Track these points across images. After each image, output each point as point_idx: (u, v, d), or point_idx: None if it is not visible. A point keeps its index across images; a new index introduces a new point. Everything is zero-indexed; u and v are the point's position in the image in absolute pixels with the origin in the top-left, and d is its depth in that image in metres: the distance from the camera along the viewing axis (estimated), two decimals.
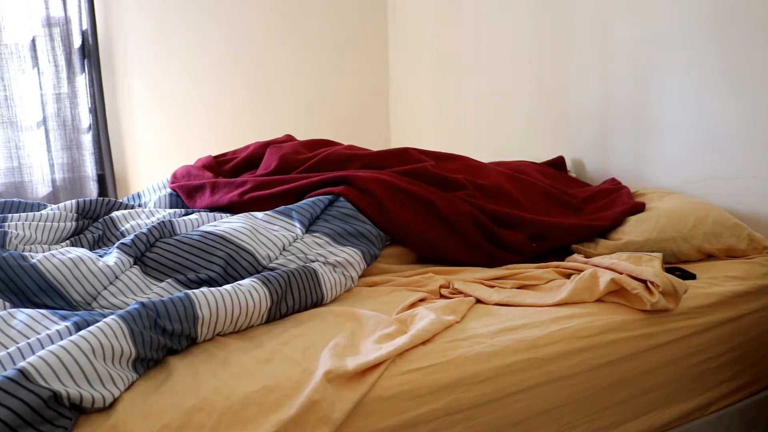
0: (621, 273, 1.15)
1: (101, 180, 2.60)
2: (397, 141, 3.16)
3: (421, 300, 1.17)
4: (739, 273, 1.32)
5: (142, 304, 0.90)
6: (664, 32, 1.74)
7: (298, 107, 3.01)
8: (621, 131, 1.91)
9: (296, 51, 2.96)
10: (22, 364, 0.74)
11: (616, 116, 1.92)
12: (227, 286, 1.02)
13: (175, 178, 1.66)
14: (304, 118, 3.04)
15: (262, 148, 1.71)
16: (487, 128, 2.50)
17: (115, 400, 0.79)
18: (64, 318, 0.91)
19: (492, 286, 1.23)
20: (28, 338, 0.86)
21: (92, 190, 2.58)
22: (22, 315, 0.91)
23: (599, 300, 1.15)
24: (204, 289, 0.99)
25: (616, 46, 1.90)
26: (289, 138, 1.84)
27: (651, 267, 1.17)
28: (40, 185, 2.48)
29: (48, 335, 0.84)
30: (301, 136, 2.10)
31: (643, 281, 1.13)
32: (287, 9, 2.91)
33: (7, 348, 0.84)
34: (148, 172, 2.75)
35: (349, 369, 0.87)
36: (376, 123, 3.18)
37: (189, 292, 0.97)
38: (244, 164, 1.70)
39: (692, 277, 1.30)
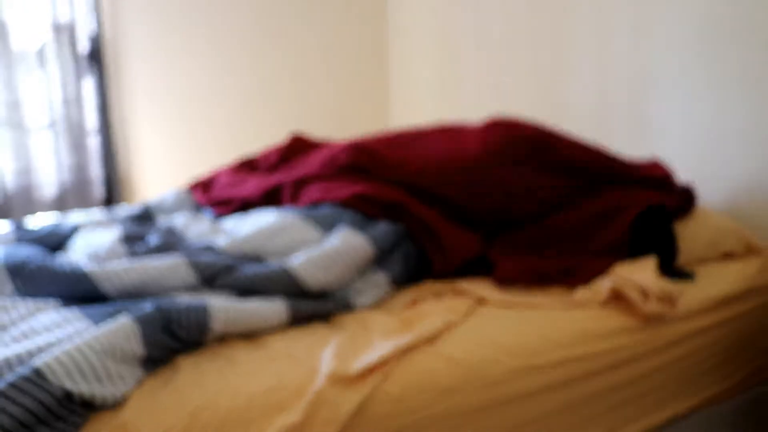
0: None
1: (107, 182, 2.63)
2: None
3: (423, 299, 1.19)
4: (733, 273, 1.32)
5: (158, 307, 0.92)
6: (663, 32, 1.75)
7: (302, 108, 3.03)
8: (620, 131, 1.92)
9: (299, 52, 2.98)
10: (36, 362, 0.76)
11: (615, 116, 1.93)
12: (252, 304, 0.99)
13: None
14: (309, 118, 3.06)
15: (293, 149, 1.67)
16: None
17: (124, 398, 0.81)
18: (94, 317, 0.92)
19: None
20: (51, 333, 0.88)
21: (98, 192, 2.61)
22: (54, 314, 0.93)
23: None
24: (225, 303, 0.96)
25: (615, 46, 1.91)
26: (297, 138, 1.79)
27: (644, 273, 1.17)
28: (47, 187, 2.51)
29: (68, 334, 0.86)
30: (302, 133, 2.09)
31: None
32: (290, 10, 2.93)
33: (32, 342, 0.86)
34: (154, 174, 2.78)
35: (352, 370, 0.88)
36: (375, 122, 3.20)
37: (209, 303, 0.95)
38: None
39: (690, 276, 1.30)
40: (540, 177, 1.37)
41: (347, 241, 1.13)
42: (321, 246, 1.13)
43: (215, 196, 1.56)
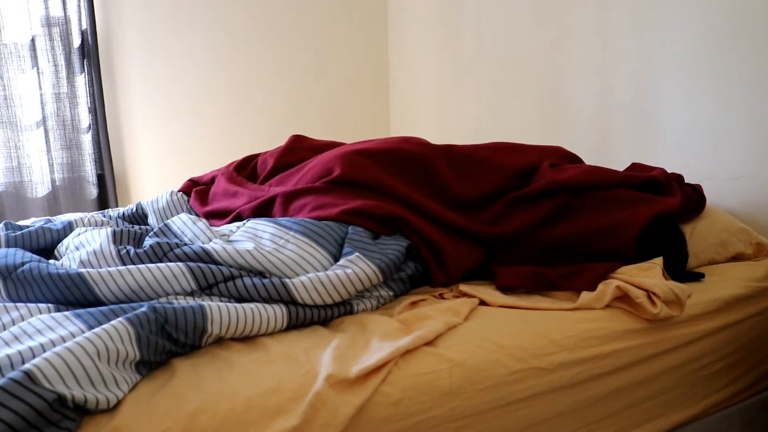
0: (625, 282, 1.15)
1: (101, 180, 2.60)
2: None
3: (422, 300, 1.18)
4: (741, 276, 1.32)
5: (153, 308, 0.90)
6: (664, 32, 1.75)
7: (299, 106, 3.01)
8: (621, 131, 1.92)
9: (297, 50, 2.97)
10: (27, 366, 0.74)
11: (616, 116, 1.93)
12: (249, 306, 0.98)
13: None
14: (305, 116, 3.04)
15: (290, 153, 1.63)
16: (487, 128, 2.50)
17: (119, 402, 0.79)
18: (80, 317, 0.90)
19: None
20: (43, 335, 0.86)
21: (92, 190, 2.58)
22: (45, 316, 0.91)
23: (606, 305, 1.14)
24: (222, 304, 0.96)
25: (616, 46, 1.90)
26: (297, 138, 1.76)
27: (651, 275, 1.17)
28: (39, 185, 2.48)
29: (61, 336, 0.85)
30: (302, 134, 2.08)
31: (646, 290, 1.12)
32: (288, 8, 2.91)
33: (21, 344, 0.84)
34: (148, 172, 2.76)
35: (350, 373, 0.87)
36: (376, 124, 3.19)
37: (205, 304, 0.94)
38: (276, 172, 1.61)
39: (699, 276, 1.29)
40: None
41: (357, 272, 1.09)
42: (328, 271, 1.09)
43: (210, 207, 1.54)
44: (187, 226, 1.26)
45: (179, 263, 1.05)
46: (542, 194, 1.34)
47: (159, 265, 1.04)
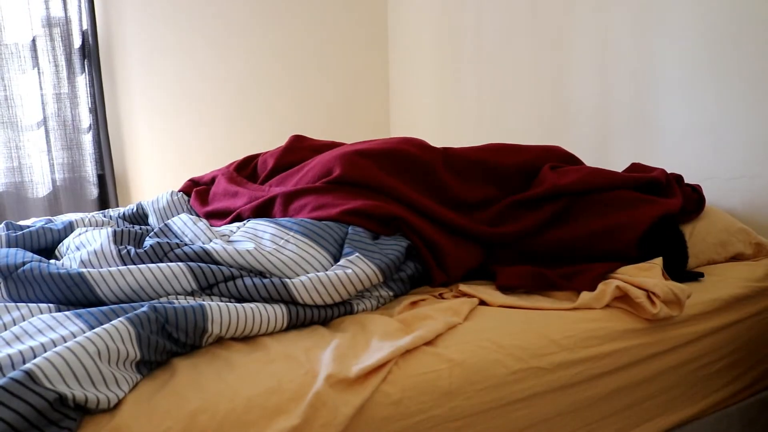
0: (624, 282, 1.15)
1: (101, 180, 2.60)
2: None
3: (422, 300, 1.18)
4: (741, 276, 1.32)
5: (154, 308, 0.90)
6: (664, 32, 1.75)
7: (299, 106, 3.01)
8: (621, 131, 1.92)
9: (297, 50, 2.97)
10: (28, 365, 0.74)
11: (616, 116, 1.93)
12: (250, 306, 0.99)
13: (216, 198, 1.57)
14: (305, 116, 3.04)
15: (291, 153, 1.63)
16: (487, 128, 2.51)
17: (120, 401, 0.79)
18: (80, 316, 0.90)
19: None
20: (44, 335, 0.86)
21: (92, 190, 2.59)
22: (46, 316, 0.92)
23: (606, 305, 1.14)
24: (222, 304, 0.96)
25: (616, 46, 1.90)
26: (297, 138, 1.76)
27: (650, 275, 1.17)
28: (40, 185, 2.49)
29: (61, 335, 0.85)
30: (303, 134, 2.08)
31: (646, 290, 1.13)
32: (288, 8, 2.91)
33: (22, 344, 0.84)
34: (148, 172, 2.76)
35: (350, 373, 0.87)
36: (376, 122, 3.19)
37: (205, 303, 0.94)
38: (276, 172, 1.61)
39: (698, 276, 1.30)
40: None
41: (357, 272, 1.09)
42: (328, 271, 1.09)
43: (210, 207, 1.54)
44: (188, 226, 1.26)
45: (180, 263, 1.05)
46: (543, 198, 1.34)
47: (159, 265, 1.04)
